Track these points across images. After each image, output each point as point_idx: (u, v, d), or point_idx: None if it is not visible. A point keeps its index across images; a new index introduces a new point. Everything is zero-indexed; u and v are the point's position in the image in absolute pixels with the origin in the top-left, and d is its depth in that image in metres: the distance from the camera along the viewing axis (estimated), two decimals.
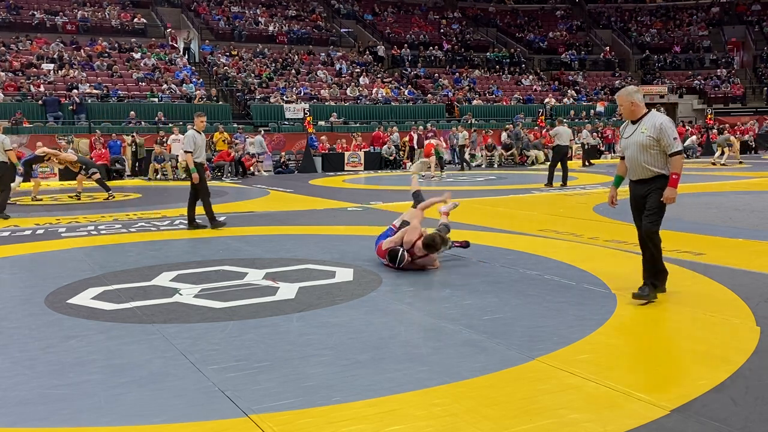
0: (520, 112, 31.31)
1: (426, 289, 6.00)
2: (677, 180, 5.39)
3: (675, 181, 5.37)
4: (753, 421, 3.21)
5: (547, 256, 7.30)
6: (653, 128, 5.36)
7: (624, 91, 5.62)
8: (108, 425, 3.28)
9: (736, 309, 5.12)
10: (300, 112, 26.14)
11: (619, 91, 5.72)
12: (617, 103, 5.83)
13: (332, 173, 22.20)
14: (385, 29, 38.17)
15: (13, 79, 24.93)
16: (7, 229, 10.21)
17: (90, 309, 5.46)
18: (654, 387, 3.63)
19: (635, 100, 5.50)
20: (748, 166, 22.76)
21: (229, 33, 33.11)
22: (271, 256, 7.61)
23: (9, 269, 7.31)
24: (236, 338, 4.63)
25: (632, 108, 5.50)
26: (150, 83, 26.91)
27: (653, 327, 4.73)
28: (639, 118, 5.47)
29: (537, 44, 41.18)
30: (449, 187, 16.75)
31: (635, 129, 5.47)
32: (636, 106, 5.49)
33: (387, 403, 3.47)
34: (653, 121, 5.41)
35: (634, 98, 5.50)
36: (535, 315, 5.08)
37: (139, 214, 11.83)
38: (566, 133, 16.49)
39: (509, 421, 3.27)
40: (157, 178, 20.74)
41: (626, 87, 5.78)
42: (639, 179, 5.56)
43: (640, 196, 5.60)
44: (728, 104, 37.08)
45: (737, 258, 7.08)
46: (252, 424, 3.27)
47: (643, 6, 45.52)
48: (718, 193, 14.35)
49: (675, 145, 5.33)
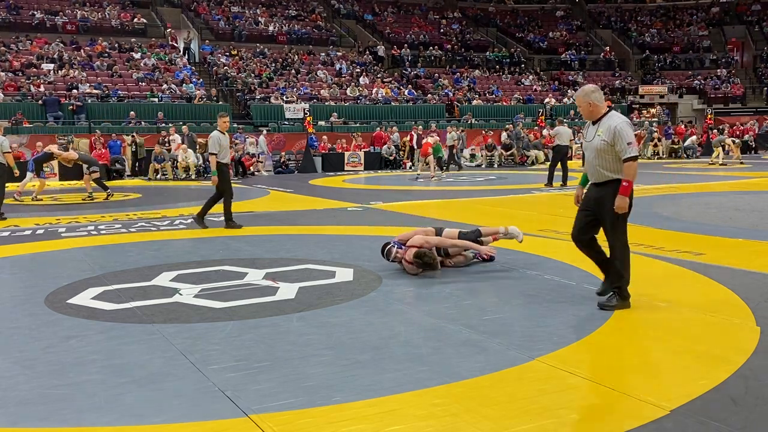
0: (520, 112, 31.31)
1: (426, 289, 6.00)
2: (628, 188, 5.05)
3: (626, 188, 5.04)
4: (753, 421, 3.21)
5: (547, 256, 7.30)
6: (608, 131, 5.08)
7: (581, 91, 5.34)
8: (108, 425, 3.28)
9: (736, 309, 5.12)
10: (300, 112, 26.14)
11: (576, 92, 5.45)
12: (576, 104, 5.52)
13: (332, 173, 22.20)
14: (385, 29, 38.17)
15: (13, 79, 24.94)
16: (7, 229, 10.21)
17: (90, 309, 5.46)
18: (654, 387, 3.63)
19: (593, 101, 5.23)
20: (748, 166, 22.76)
21: (229, 33, 33.11)
22: (271, 256, 7.61)
23: (9, 269, 7.31)
24: (236, 338, 4.63)
25: (590, 109, 5.24)
26: (150, 83, 26.91)
27: (653, 327, 4.73)
28: (598, 119, 5.21)
29: (537, 44, 41.18)
30: (450, 187, 16.75)
31: (595, 131, 5.20)
32: (594, 107, 5.22)
33: (387, 403, 3.47)
34: (609, 123, 5.13)
35: (592, 99, 5.23)
36: (535, 315, 5.08)
37: (139, 214, 11.83)
38: (566, 133, 16.50)
39: (509, 421, 3.27)
40: (157, 178, 20.73)
41: (584, 86, 5.46)
42: (595, 182, 5.29)
43: (592, 198, 5.30)
44: (728, 104, 37.07)
45: (737, 258, 7.08)
46: (252, 424, 3.27)
47: (643, 6, 45.52)
48: (718, 193, 14.34)
49: (628, 151, 5.01)
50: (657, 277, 6.35)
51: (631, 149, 5.03)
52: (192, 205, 13.27)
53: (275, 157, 23.51)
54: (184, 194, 16.13)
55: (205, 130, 23.64)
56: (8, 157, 11.71)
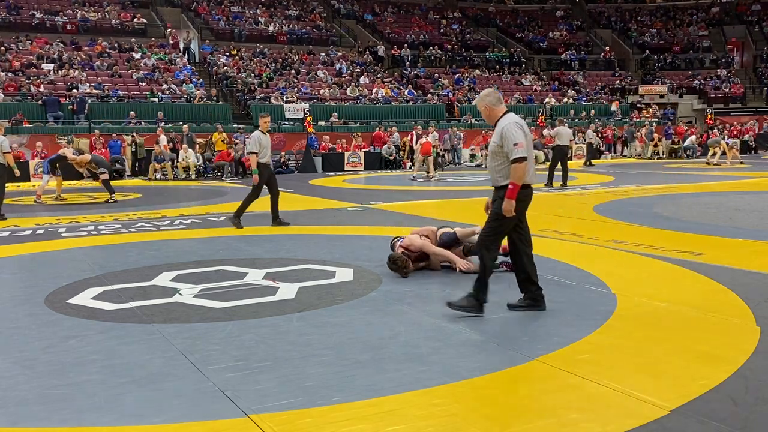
0: (520, 112, 31.26)
1: (426, 289, 6.00)
2: (514, 191, 4.89)
3: (512, 191, 4.88)
4: (753, 421, 3.22)
5: (547, 256, 7.29)
6: (498, 133, 5.02)
7: (479, 96, 5.28)
8: (108, 425, 3.28)
9: (736, 309, 5.12)
10: (300, 112, 26.14)
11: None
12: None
13: (332, 173, 22.21)
14: (385, 29, 38.16)
15: (13, 79, 24.93)
16: (7, 229, 10.21)
17: (90, 309, 5.46)
18: (654, 387, 3.63)
19: (487, 104, 5.17)
20: (748, 166, 22.78)
21: (229, 33, 33.10)
22: (271, 256, 7.61)
23: (9, 269, 7.31)
24: (236, 338, 4.63)
25: (489, 113, 5.20)
26: (150, 83, 26.90)
27: (653, 327, 4.73)
28: (496, 121, 5.14)
29: (537, 44, 41.17)
30: (450, 187, 16.75)
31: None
32: (491, 110, 5.17)
33: (387, 403, 3.47)
34: (500, 124, 5.07)
35: (486, 102, 5.16)
36: (535, 315, 5.08)
37: (139, 214, 11.83)
38: (566, 133, 16.50)
39: (509, 421, 3.27)
40: (157, 178, 20.74)
41: (483, 91, 5.43)
42: (493, 185, 5.19)
43: (493, 202, 5.16)
44: (728, 104, 37.05)
45: (737, 258, 7.08)
46: (252, 424, 3.27)
47: (643, 6, 45.51)
48: (718, 193, 14.35)
49: (515, 152, 4.87)
50: (657, 277, 6.34)
51: (517, 150, 4.89)
52: (192, 205, 13.29)
53: (275, 157, 23.49)
54: (184, 194, 16.14)
55: (205, 130, 23.68)
56: (8, 157, 11.71)
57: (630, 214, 10.60)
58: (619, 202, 12.70)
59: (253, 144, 10.02)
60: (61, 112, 23.69)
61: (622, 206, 11.91)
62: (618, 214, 10.68)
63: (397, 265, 6.47)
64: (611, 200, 12.93)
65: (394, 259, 6.51)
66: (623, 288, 5.79)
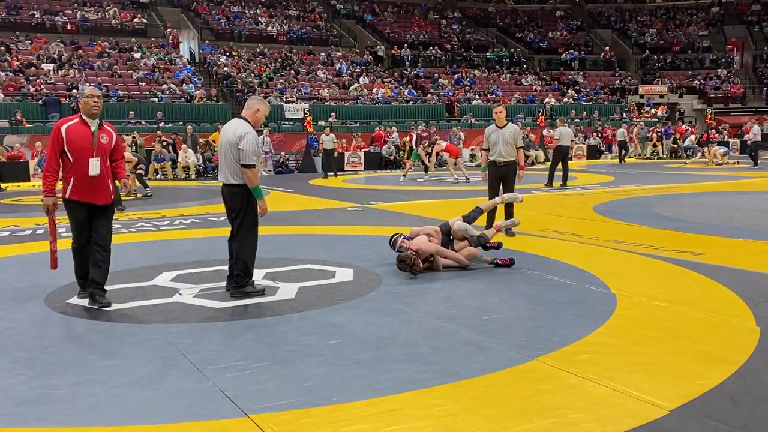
0: (520, 112, 31.29)
1: (426, 289, 6.00)
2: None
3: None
4: (753, 421, 3.21)
5: (547, 256, 7.30)
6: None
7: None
8: (108, 425, 3.28)
9: (736, 309, 5.12)
10: (300, 112, 26.13)
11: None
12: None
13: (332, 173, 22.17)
14: (385, 29, 38.16)
15: (13, 79, 24.92)
16: (7, 229, 10.20)
17: (90, 309, 5.46)
18: (654, 387, 3.63)
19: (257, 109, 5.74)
20: (747, 166, 22.77)
21: (229, 33, 33.10)
22: (271, 256, 7.60)
23: (9, 269, 7.30)
24: (236, 338, 4.63)
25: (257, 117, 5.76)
26: (150, 83, 26.90)
27: (653, 327, 4.73)
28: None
29: (537, 44, 41.17)
30: (450, 187, 16.75)
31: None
32: (259, 116, 5.73)
33: (387, 403, 3.47)
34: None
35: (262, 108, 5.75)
36: (535, 315, 5.08)
37: (139, 214, 11.82)
38: (567, 133, 16.48)
39: (509, 421, 3.27)
40: (157, 177, 20.72)
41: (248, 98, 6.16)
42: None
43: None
44: (728, 104, 37.07)
45: (737, 258, 7.08)
46: (252, 424, 3.27)
47: (643, 6, 45.51)
48: (718, 193, 14.34)
49: (241, 157, 5.58)
50: (657, 277, 6.35)
51: (244, 157, 5.57)
52: (192, 205, 13.28)
53: (275, 157, 23.51)
54: (184, 194, 16.13)
55: (205, 130, 23.66)
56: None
57: (630, 214, 10.59)
58: (619, 202, 12.70)
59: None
60: (61, 112, 23.67)
61: (622, 206, 11.91)
62: (618, 214, 10.68)
63: (406, 264, 6.41)
64: (611, 200, 12.93)
65: (403, 258, 6.44)
66: (623, 288, 5.79)
